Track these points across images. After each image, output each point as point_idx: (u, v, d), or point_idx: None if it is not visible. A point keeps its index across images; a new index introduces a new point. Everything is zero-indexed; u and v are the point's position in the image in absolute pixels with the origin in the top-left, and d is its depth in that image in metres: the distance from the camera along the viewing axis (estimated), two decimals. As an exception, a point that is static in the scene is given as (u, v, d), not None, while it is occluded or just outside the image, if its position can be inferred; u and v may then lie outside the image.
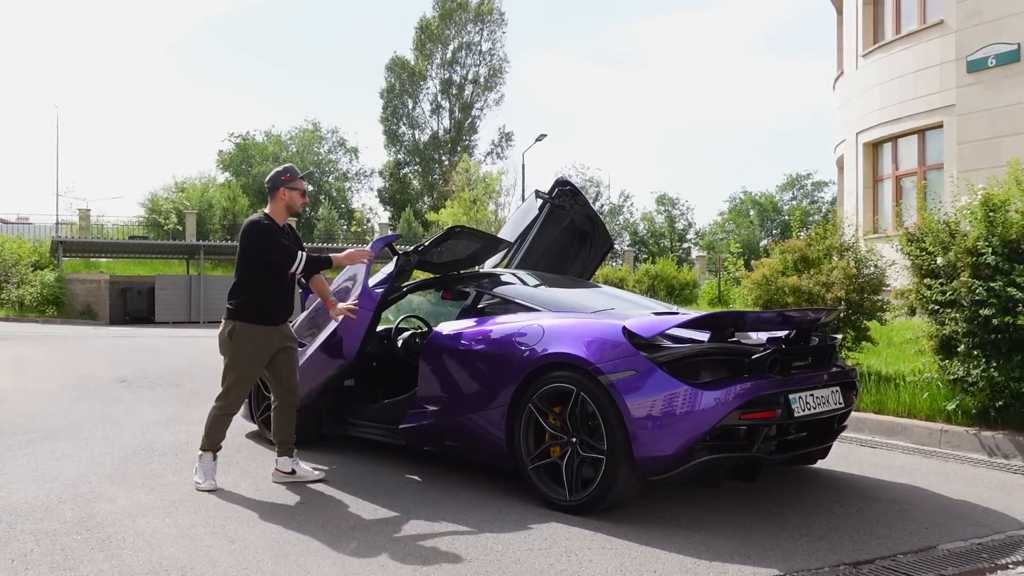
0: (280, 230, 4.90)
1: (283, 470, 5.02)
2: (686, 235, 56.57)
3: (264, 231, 4.80)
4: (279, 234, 4.85)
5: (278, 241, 4.80)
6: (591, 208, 6.89)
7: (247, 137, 51.92)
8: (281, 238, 4.84)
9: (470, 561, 3.57)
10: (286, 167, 5.03)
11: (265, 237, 4.79)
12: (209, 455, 4.90)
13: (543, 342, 4.46)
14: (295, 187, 4.96)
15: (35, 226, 39.52)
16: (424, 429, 5.09)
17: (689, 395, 3.99)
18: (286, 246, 4.81)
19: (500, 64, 52.43)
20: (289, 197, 4.96)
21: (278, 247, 4.79)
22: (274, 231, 4.83)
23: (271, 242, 4.79)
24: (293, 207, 4.99)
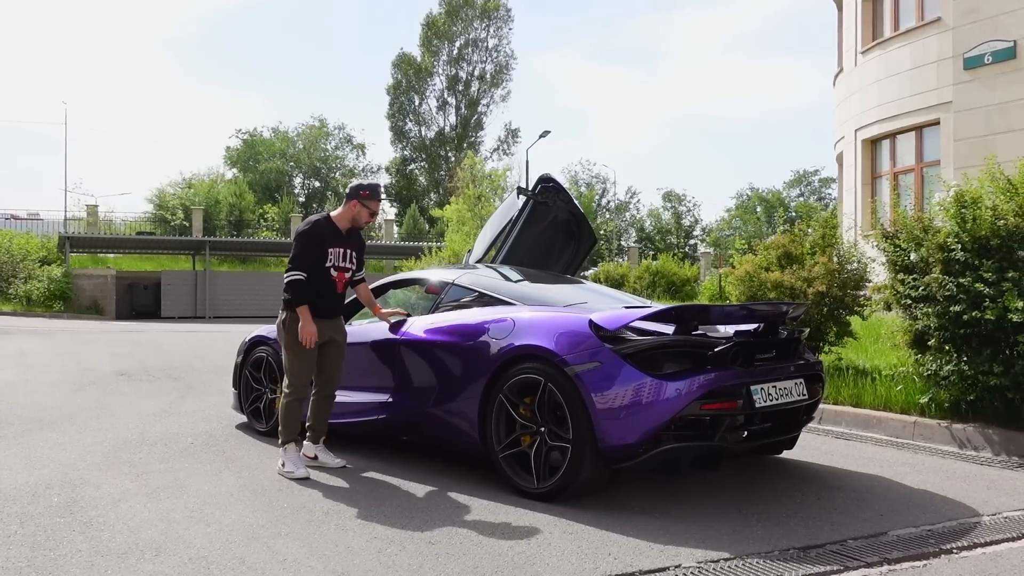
0: (331, 233, 5.15)
1: (308, 455, 5.23)
2: (692, 231, 56.54)
3: (303, 234, 5.09)
4: (318, 238, 5.08)
5: (309, 246, 5.04)
6: (575, 204, 7.02)
7: (254, 133, 52.28)
8: (318, 242, 5.07)
9: (434, 544, 3.71)
10: (370, 184, 5.29)
11: (300, 239, 5.08)
12: (292, 446, 5.10)
13: (513, 335, 4.60)
14: (368, 206, 5.21)
15: (45, 222, 39.89)
16: (401, 419, 5.23)
17: (652, 386, 4.11)
18: (307, 255, 5.03)
19: (506, 61, 52.61)
20: (357, 211, 5.21)
21: (300, 252, 5.03)
22: (313, 236, 5.08)
23: (299, 245, 5.07)
24: (357, 221, 5.25)
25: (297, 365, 5.08)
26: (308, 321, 4.97)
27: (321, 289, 5.09)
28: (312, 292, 5.04)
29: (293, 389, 5.09)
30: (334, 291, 5.20)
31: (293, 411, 5.12)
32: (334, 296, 5.21)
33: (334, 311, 5.25)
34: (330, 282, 5.15)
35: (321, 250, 5.09)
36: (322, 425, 5.29)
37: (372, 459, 5.43)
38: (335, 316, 5.27)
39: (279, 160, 50.74)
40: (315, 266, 5.07)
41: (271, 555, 3.56)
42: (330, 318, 5.21)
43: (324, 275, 5.11)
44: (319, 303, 5.09)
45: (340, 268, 5.20)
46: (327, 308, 5.17)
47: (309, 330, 4.96)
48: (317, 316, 5.05)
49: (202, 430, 6.39)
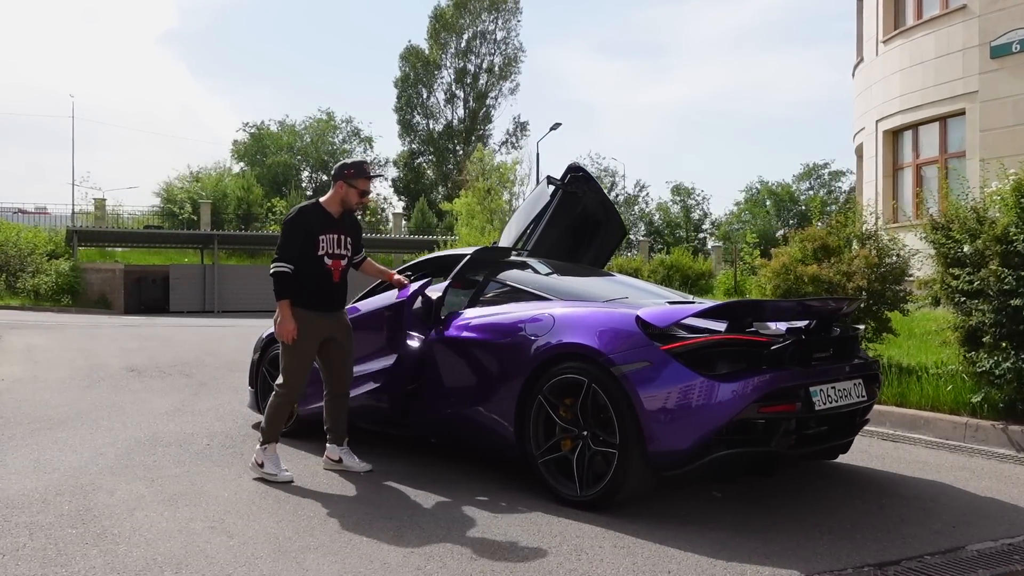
0: (320, 219, 4.81)
1: (332, 457, 4.98)
2: (702, 225, 56.08)
3: (287, 222, 4.77)
4: (304, 226, 4.75)
5: (293, 234, 4.72)
6: (604, 194, 6.71)
7: (262, 127, 52.00)
8: (304, 230, 4.74)
9: (476, 560, 3.42)
10: (355, 162, 4.94)
11: (285, 228, 4.77)
12: (272, 447, 4.80)
13: (554, 332, 4.31)
14: (355, 185, 4.86)
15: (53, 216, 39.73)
16: (430, 421, 4.95)
17: (705, 387, 3.82)
18: (292, 244, 4.71)
19: (515, 53, 52.14)
20: (345, 192, 4.87)
21: (284, 242, 4.71)
22: (298, 223, 4.75)
23: (284, 234, 4.75)
24: (347, 203, 4.89)
25: (293, 364, 4.76)
26: (287, 317, 4.65)
27: (316, 280, 4.78)
28: (306, 284, 4.74)
29: (286, 389, 4.79)
30: (331, 281, 4.84)
31: (281, 411, 4.82)
32: (331, 286, 4.86)
33: (333, 303, 4.90)
34: (325, 272, 4.80)
35: (309, 238, 4.74)
36: (341, 426, 5.01)
37: (397, 463, 5.15)
38: (335, 309, 4.93)
39: (286, 154, 50.43)
40: (306, 256, 4.74)
41: (301, 572, 3.28)
42: (329, 311, 4.87)
43: (317, 265, 4.77)
44: (315, 295, 4.79)
45: (335, 255, 4.85)
46: (325, 300, 4.84)
47: (287, 327, 4.65)
48: (314, 310, 4.77)
49: (218, 430, 6.13)
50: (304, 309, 4.74)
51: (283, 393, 4.79)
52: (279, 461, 4.76)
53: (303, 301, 4.75)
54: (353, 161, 4.93)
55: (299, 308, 4.72)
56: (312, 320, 4.76)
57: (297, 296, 4.73)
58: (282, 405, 4.81)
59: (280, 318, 4.68)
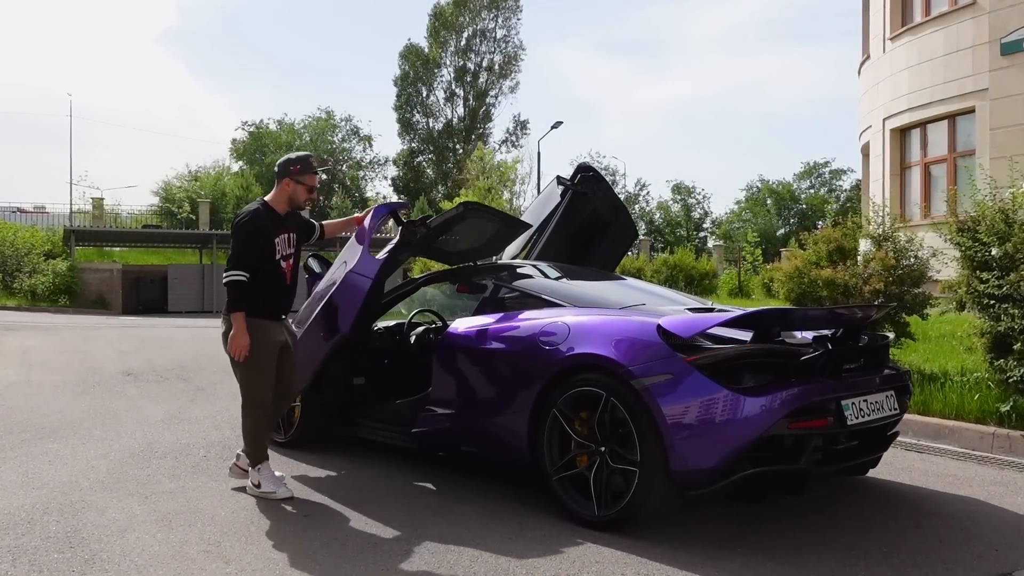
0: (273, 221, 4.51)
1: (243, 467, 4.65)
2: (702, 224, 55.92)
3: (243, 227, 4.42)
4: (261, 230, 4.42)
5: (251, 240, 4.40)
6: (615, 195, 6.50)
7: (260, 126, 51.75)
8: (261, 234, 4.42)
9: (490, 587, 3.20)
10: (300, 156, 4.60)
11: (240, 233, 4.41)
12: (266, 464, 4.53)
13: (569, 341, 4.08)
14: (302, 182, 4.54)
15: (52, 215, 39.49)
16: (438, 433, 4.72)
17: (732, 402, 3.59)
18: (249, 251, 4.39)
19: (515, 51, 51.90)
20: (293, 190, 4.55)
21: (241, 249, 4.39)
22: (255, 228, 4.42)
23: (239, 240, 4.41)
24: (295, 201, 4.59)
25: (255, 379, 4.44)
26: (242, 331, 4.32)
27: (273, 286, 4.50)
28: (263, 291, 4.43)
29: (253, 403, 4.48)
30: (284, 284, 4.58)
31: (261, 427, 4.53)
32: (285, 291, 4.60)
33: (286, 308, 4.67)
34: (280, 275, 4.54)
35: (266, 243, 4.45)
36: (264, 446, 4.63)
37: (404, 475, 4.92)
38: (285, 315, 4.69)
39: (285, 151, 50.22)
40: (263, 262, 4.43)
41: (303, 604, 3.06)
42: (280, 319, 4.62)
43: (273, 269, 4.49)
44: (271, 302, 4.51)
45: (287, 256, 4.59)
46: (280, 306, 4.59)
47: (242, 342, 4.32)
48: (270, 318, 4.49)
49: (215, 440, 5.89)
50: (261, 319, 4.44)
51: (253, 410, 4.50)
52: (275, 477, 4.52)
53: (260, 310, 4.44)
54: (298, 156, 4.59)
55: (255, 319, 4.41)
56: (269, 329, 4.48)
57: (253, 305, 4.41)
58: (259, 421, 4.52)
59: (234, 331, 4.33)
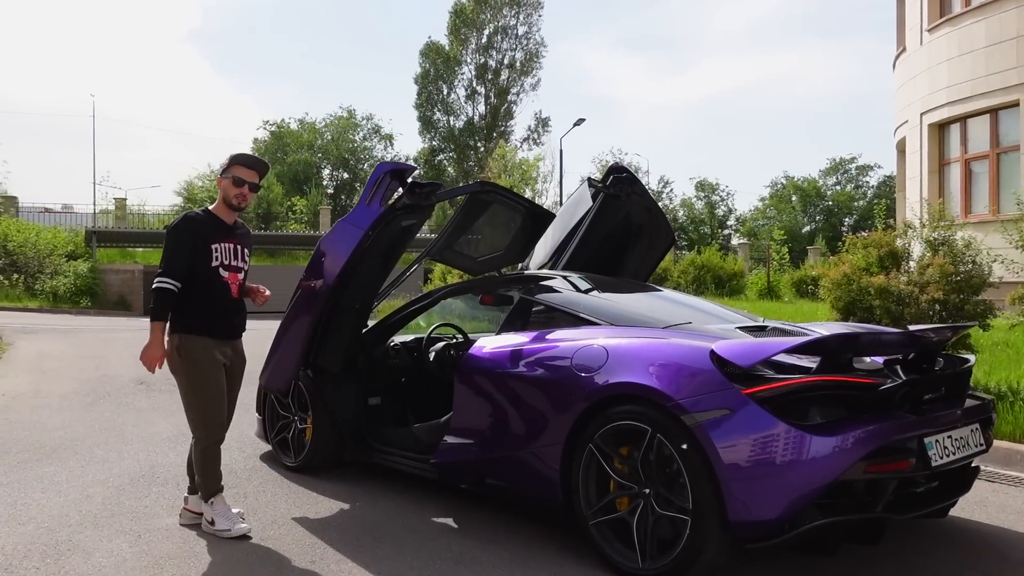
0: (212, 225, 4.13)
1: (192, 510, 4.25)
2: (727, 221, 55.14)
3: (172, 229, 4.07)
4: (191, 233, 4.04)
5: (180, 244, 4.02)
6: (650, 198, 6.01)
7: (282, 125, 51.67)
8: (191, 237, 4.03)
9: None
10: (236, 153, 4.19)
11: (169, 237, 4.06)
12: (219, 498, 4.11)
13: (607, 368, 3.61)
14: (229, 175, 4.14)
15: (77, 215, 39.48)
16: (460, 464, 4.28)
17: (799, 441, 3.11)
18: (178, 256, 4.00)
19: (536, 48, 51.39)
20: (224, 188, 4.16)
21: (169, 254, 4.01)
22: (184, 230, 4.04)
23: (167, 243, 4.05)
24: (228, 199, 4.16)
25: (201, 400, 4.05)
26: (157, 342, 3.95)
27: (212, 297, 4.09)
28: (201, 303, 4.06)
29: (206, 432, 4.06)
30: (228, 298, 4.16)
31: (210, 457, 4.11)
32: (229, 304, 4.17)
33: (232, 327, 4.22)
34: (221, 286, 4.12)
35: (201, 246, 4.05)
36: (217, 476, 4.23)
37: (423, 509, 4.49)
38: (235, 335, 4.25)
39: (307, 152, 50.07)
40: (197, 269, 4.04)
41: None
42: (228, 337, 4.19)
43: (212, 278, 4.08)
44: (212, 316, 4.10)
45: (231, 268, 4.17)
46: (223, 322, 4.16)
47: (151, 354, 3.95)
48: (211, 335, 4.08)
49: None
50: (200, 335, 4.05)
51: (203, 439, 4.07)
52: (230, 512, 4.10)
53: (198, 325, 4.05)
54: (235, 152, 4.22)
55: (193, 335, 4.04)
56: (211, 347, 4.07)
57: (191, 320, 4.05)
58: (208, 451, 4.09)
59: (148, 343, 3.94)
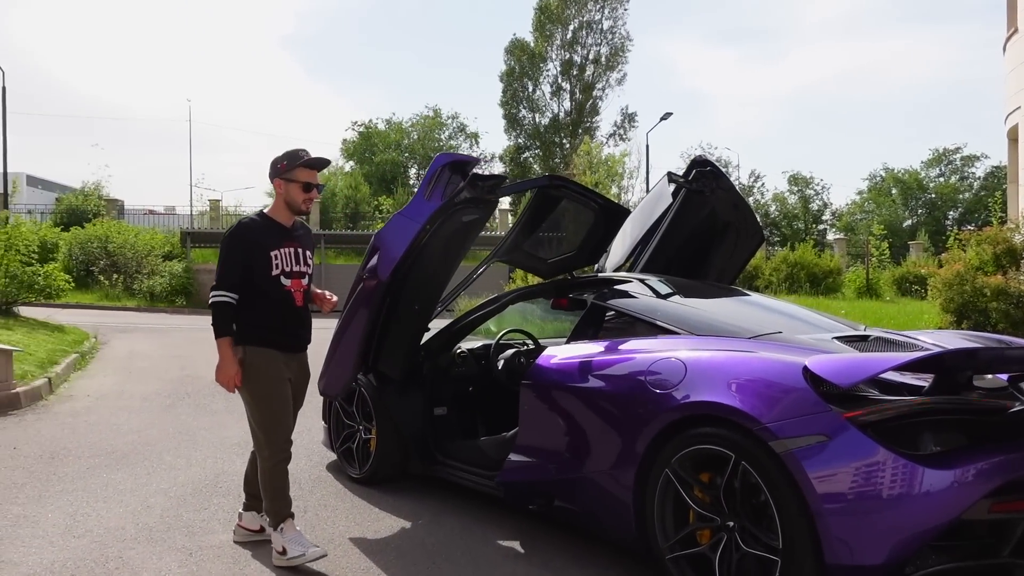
0: (270, 231, 3.83)
1: (247, 527, 4.03)
2: (821, 216, 53.20)
3: (226, 238, 3.77)
4: (247, 242, 3.75)
5: (233, 253, 3.73)
6: (737, 193, 5.54)
7: (370, 125, 52.35)
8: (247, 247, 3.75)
9: None
10: (288, 152, 3.83)
11: (223, 246, 3.77)
12: (289, 523, 3.77)
13: (685, 384, 3.23)
14: (294, 178, 3.80)
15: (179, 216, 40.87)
16: (527, 485, 3.97)
17: (909, 474, 2.68)
18: (233, 266, 3.72)
19: (622, 42, 50.58)
20: (286, 191, 3.82)
21: (223, 265, 3.74)
22: (239, 238, 3.75)
23: (222, 254, 3.77)
24: (293, 204, 3.84)
25: (268, 417, 3.76)
26: (228, 360, 3.68)
27: (276, 309, 3.79)
28: (263, 315, 3.77)
29: (272, 450, 3.76)
30: (293, 307, 3.85)
31: (279, 476, 3.79)
32: (295, 315, 3.86)
33: (298, 339, 3.92)
34: (284, 295, 3.81)
35: (259, 255, 3.76)
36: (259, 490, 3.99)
37: (488, 530, 4.19)
38: (301, 348, 3.95)
39: (394, 151, 50.65)
40: (256, 279, 3.75)
41: None
42: (294, 351, 3.90)
43: (274, 288, 3.78)
44: (277, 329, 3.80)
45: (293, 274, 3.85)
46: (288, 334, 3.85)
47: (227, 372, 3.69)
48: (277, 347, 3.79)
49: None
50: (264, 347, 3.77)
51: (270, 456, 3.77)
52: (302, 536, 3.77)
53: (261, 337, 3.77)
54: (287, 151, 3.83)
55: (257, 347, 3.77)
56: (278, 360, 3.80)
57: (253, 332, 3.76)
58: (275, 470, 3.78)
59: (219, 361, 3.69)
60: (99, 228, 27.29)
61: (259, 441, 3.81)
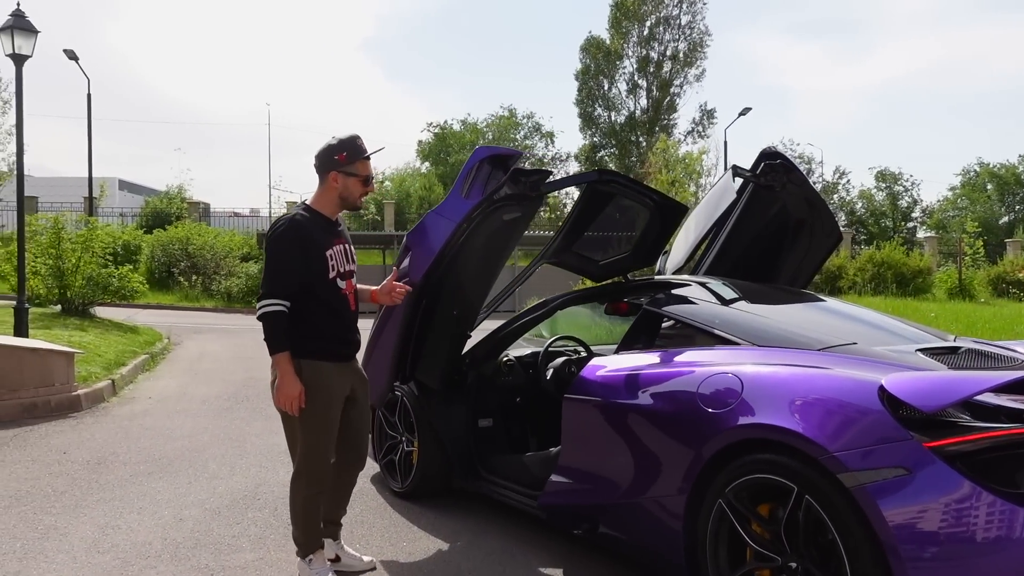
0: (322, 229, 3.39)
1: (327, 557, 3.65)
2: (911, 213, 51.03)
3: (277, 239, 3.30)
4: (303, 242, 3.30)
5: (290, 256, 3.28)
6: (810, 187, 5.06)
7: (445, 126, 52.58)
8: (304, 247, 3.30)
9: None
10: (343, 140, 3.39)
11: (273, 248, 3.32)
12: (319, 556, 3.47)
13: (742, 403, 2.84)
14: (354, 172, 3.39)
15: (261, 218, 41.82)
16: (569, 508, 3.62)
17: (1009, 517, 2.25)
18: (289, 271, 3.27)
19: (700, 38, 49.53)
20: (343, 185, 3.40)
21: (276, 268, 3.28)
22: (294, 240, 3.29)
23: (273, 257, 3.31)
24: (349, 199, 3.43)
25: (312, 441, 3.33)
26: (290, 377, 3.23)
27: (333, 316, 3.39)
28: (321, 323, 3.34)
29: (310, 477, 3.38)
30: (349, 312, 3.46)
31: (312, 508, 3.43)
32: (351, 321, 3.48)
33: (354, 346, 3.53)
34: (341, 301, 3.42)
35: (316, 256, 3.33)
36: (341, 512, 3.73)
37: (531, 555, 3.86)
38: (354, 355, 3.55)
39: (469, 152, 50.71)
40: (313, 284, 3.32)
41: None
42: (349, 359, 3.50)
43: (332, 293, 3.38)
44: (335, 337, 3.39)
45: (346, 274, 3.46)
46: (346, 342, 3.46)
47: (291, 391, 3.23)
48: (334, 359, 3.39)
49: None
50: (318, 360, 3.34)
51: (306, 485, 3.38)
52: (329, 572, 3.47)
53: (318, 349, 3.35)
54: (341, 140, 3.39)
55: (312, 360, 3.33)
56: (334, 375, 3.38)
57: (311, 343, 3.33)
58: (309, 501, 3.41)
59: (280, 380, 3.24)
60: (180, 230, 27.99)
61: (297, 469, 3.40)
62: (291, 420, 3.34)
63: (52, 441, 6.39)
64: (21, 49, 9.25)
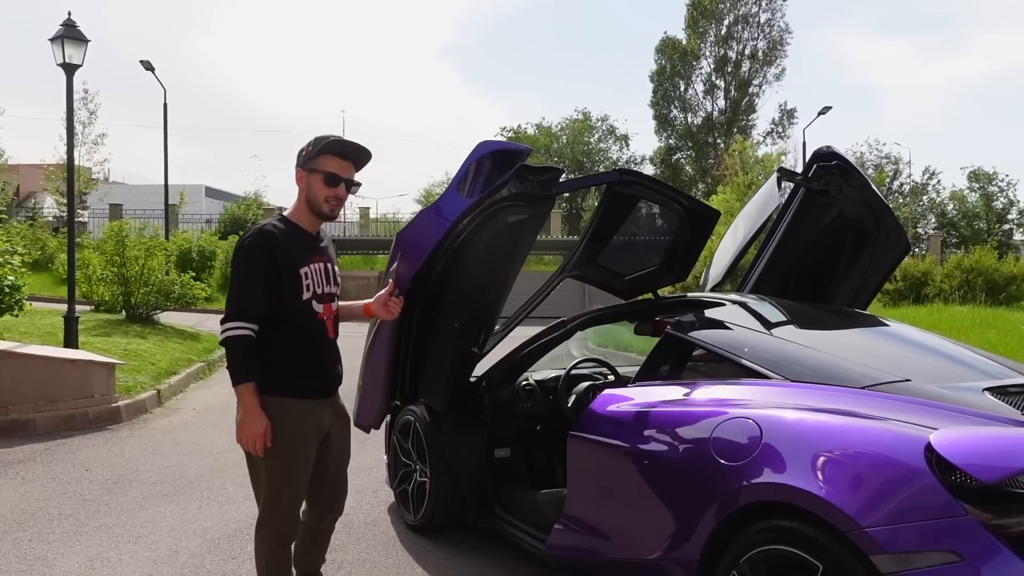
0: (295, 240, 2.92)
1: None
2: (1007, 215, 48.35)
3: (241, 250, 2.87)
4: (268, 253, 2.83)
5: (254, 271, 2.83)
6: (873, 191, 4.47)
7: (519, 130, 52.39)
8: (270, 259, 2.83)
9: None
10: (315, 136, 2.93)
11: (238, 261, 2.87)
12: None
13: (760, 456, 2.35)
14: (316, 167, 2.90)
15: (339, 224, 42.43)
16: (575, 561, 3.18)
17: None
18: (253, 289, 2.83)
19: (780, 35, 48.08)
20: (307, 185, 2.93)
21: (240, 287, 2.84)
22: (258, 250, 2.84)
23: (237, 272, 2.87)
24: (314, 202, 2.93)
25: (279, 491, 2.89)
26: (254, 412, 2.77)
27: (307, 343, 2.92)
28: (292, 352, 2.88)
29: (273, 529, 2.93)
30: (327, 340, 2.98)
31: (276, 563, 2.97)
32: (329, 350, 3.00)
33: (332, 380, 3.03)
34: (317, 327, 2.94)
35: (286, 272, 2.85)
36: (317, 566, 3.25)
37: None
38: (334, 390, 3.06)
39: (543, 156, 50.39)
40: (284, 305, 2.86)
41: None
42: (327, 395, 3.02)
43: (306, 317, 2.90)
44: (309, 369, 2.92)
45: (324, 297, 2.96)
46: (320, 376, 2.97)
47: (255, 428, 2.76)
48: (309, 395, 2.92)
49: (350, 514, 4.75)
50: (288, 398, 2.87)
51: (271, 536, 2.93)
52: None
53: (288, 384, 2.88)
54: (316, 136, 2.93)
55: (278, 398, 2.85)
56: (305, 415, 2.90)
57: (278, 376, 2.87)
58: (276, 554, 2.96)
59: (242, 415, 2.79)
60: (253, 236, 28.40)
61: (261, 517, 2.96)
62: (255, 461, 2.91)
63: (79, 456, 6.25)
64: (72, 58, 9.28)
